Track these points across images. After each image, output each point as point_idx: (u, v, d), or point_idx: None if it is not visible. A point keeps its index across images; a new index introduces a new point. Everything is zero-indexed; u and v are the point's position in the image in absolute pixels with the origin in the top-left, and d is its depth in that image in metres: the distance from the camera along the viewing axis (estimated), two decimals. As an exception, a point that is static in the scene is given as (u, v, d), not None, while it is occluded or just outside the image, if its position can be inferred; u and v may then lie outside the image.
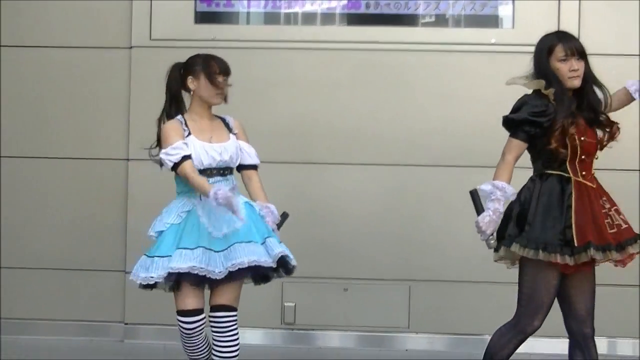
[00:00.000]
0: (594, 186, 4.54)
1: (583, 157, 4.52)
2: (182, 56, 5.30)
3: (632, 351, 6.86)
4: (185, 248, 4.80)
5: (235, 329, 4.97)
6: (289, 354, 6.85)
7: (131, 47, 7.07)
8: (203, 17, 7.11)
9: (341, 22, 7.16)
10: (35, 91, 7.17)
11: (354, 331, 7.01)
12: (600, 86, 4.75)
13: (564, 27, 6.73)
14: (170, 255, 4.80)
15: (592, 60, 6.67)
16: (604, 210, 4.51)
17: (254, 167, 5.11)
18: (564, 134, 4.47)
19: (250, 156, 5.06)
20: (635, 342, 6.85)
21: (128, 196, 7.06)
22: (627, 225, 4.55)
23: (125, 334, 7.09)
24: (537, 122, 4.51)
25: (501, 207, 4.46)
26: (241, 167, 5.08)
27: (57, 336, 7.06)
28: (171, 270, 4.76)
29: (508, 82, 4.74)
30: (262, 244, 4.84)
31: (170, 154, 4.78)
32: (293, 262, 4.99)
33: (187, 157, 4.79)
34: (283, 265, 4.95)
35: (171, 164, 4.78)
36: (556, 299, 4.56)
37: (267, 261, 4.79)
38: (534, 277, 4.50)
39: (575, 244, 4.37)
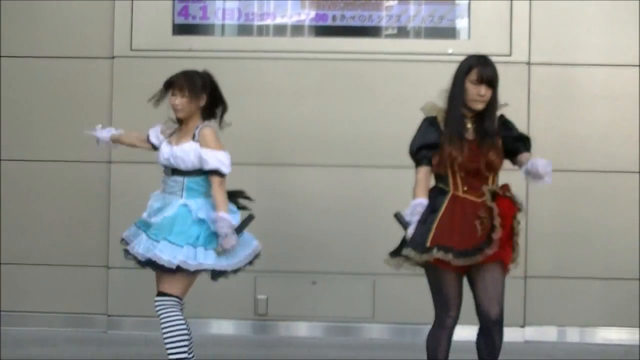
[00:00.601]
0: (478, 200, 4.78)
1: (462, 174, 4.79)
2: (161, 65, 5.49)
3: (579, 338, 7.21)
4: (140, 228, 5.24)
5: (163, 314, 5.18)
6: (261, 343, 6.97)
7: (113, 57, 7.22)
8: (180, 29, 7.26)
9: (309, 34, 7.32)
10: (22, 99, 7.30)
11: (322, 321, 7.19)
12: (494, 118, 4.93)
13: (516, 39, 7.11)
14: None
15: (542, 69, 7.08)
16: (477, 220, 4.73)
17: (212, 172, 5.11)
18: (445, 154, 4.78)
19: (207, 162, 5.10)
20: (583, 330, 7.21)
21: (110, 196, 7.20)
22: (488, 238, 4.73)
23: (108, 325, 7.23)
24: (430, 146, 4.83)
25: (415, 217, 4.81)
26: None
27: (43, 327, 7.19)
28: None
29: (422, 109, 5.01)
30: (156, 242, 5.02)
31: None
32: (166, 264, 5.01)
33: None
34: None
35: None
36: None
37: (141, 256, 5.05)
38: (434, 276, 4.85)
39: (427, 245, 4.69)
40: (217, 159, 5.12)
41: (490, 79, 4.83)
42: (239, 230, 5.13)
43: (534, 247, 7.13)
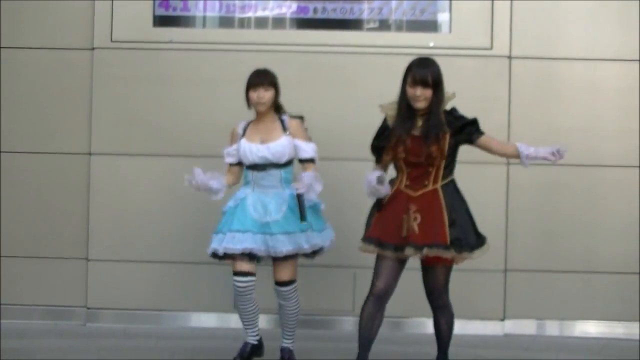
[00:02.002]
0: (415, 195, 5.23)
1: (408, 170, 5.23)
2: (141, 57, 5.49)
3: (558, 332, 7.25)
4: (234, 230, 5.65)
5: (295, 294, 5.95)
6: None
7: (93, 49, 7.21)
8: (161, 21, 7.25)
9: (291, 26, 7.32)
10: (2, 90, 7.27)
11: (303, 315, 6.93)
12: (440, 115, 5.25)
13: (497, 32, 7.14)
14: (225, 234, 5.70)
15: (523, 63, 7.10)
16: (411, 213, 5.18)
17: (308, 160, 5.82)
18: (392, 150, 5.23)
19: (306, 152, 5.81)
20: (563, 323, 7.25)
21: (90, 188, 7.20)
22: (418, 233, 5.18)
23: (87, 317, 7.23)
24: (380, 144, 5.32)
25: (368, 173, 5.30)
26: (300, 161, 5.86)
27: (22, 320, 7.20)
28: (226, 251, 5.65)
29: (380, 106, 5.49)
30: (303, 232, 5.70)
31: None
32: (322, 245, 5.89)
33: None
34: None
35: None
36: None
37: (304, 249, 5.76)
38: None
39: (364, 235, 5.37)
40: (312, 149, 5.82)
41: (423, 80, 5.16)
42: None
43: (514, 241, 7.17)
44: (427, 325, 7.02)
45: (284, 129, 5.82)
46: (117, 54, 7.16)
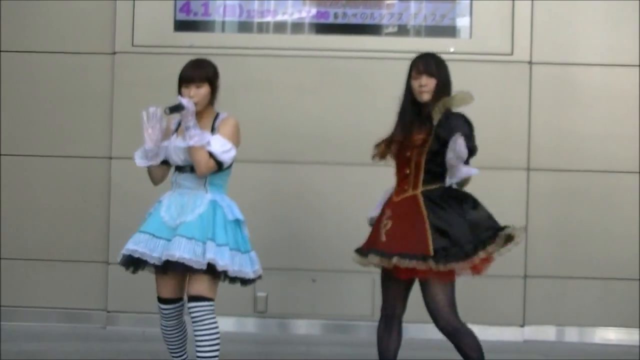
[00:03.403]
0: (396, 200, 4.89)
1: (395, 171, 4.97)
2: (162, 61, 5.50)
3: (578, 338, 7.22)
4: (141, 232, 4.95)
5: (208, 318, 4.88)
6: (260, 341, 6.98)
7: (114, 53, 7.23)
8: (182, 26, 7.28)
9: (310, 31, 7.33)
10: (23, 94, 7.31)
11: (321, 319, 7.21)
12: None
13: (517, 38, 7.13)
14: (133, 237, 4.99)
15: (543, 68, 7.08)
16: (384, 221, 4.88)
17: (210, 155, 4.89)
18: (382, 145, 5.05)
19: (210, 145, 4.87)
20: (582, 330, 7.22)
21: (111, 191, 7.21)
22: (384, 240, 4.83)
23: (107, 321, 7.24)
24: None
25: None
26: None
27: (42, 323, 7.21)
28: (124, 252, 4.95)
29: None
30: (203, 243, 4.78)
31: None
32: (233, 272, 4.86)
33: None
34: (221, 273, 4.84)
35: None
36: None
37: (199, 262, 4.74)
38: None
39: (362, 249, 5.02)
40: (220, 145, 4.91)
41: (428, 69, 4.90)
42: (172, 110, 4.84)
43: (533, 247, 7.14)
44: (429, 331, 7.06)
45: (214, 128, 5.02)
46: (138, 59, 7.18)
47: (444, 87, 4.91)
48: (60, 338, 6.91)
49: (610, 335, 7.17)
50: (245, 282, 5.02)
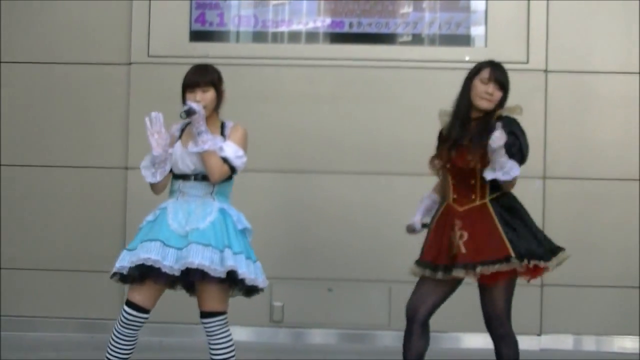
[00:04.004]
0: (460, 210, 4.80)
1: (454, 182, 4.83)
2: (178, 72, 5.44)
3: (595, 347, 7.20)
4: (146, 240, 4.73)
5: (222, 331, 4.89)
6: (276, 350, 6.98)
7: (130, 64, 7.27)
8: (197, 36, 7.31)
9: (325, 41, 7.34)
10: (41, 105, 7.35)
11: (338, 329, 7.20)
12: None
13: (533, 46, 7.12)
14: (136, 249, 4.74)
15: (559, 76, 7.07)
16: (452, 233, 4.77)
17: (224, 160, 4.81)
18: (439, 156, 4.88)
19: (223, 150, 4.80)
20: (600, 339, 7.20)
21: (127, 201, 7.22)
22: (464, 252, 4.73)
23: None
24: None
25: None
26: None
27: (59, 332, 7.22)
28: (131, 264, 4.70)
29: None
30: (220, 251, 4.68)
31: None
32: (250, 281, 4.75)
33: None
34: (237, 281, 4.73)
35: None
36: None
37: (217, 270, 4.63)
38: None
39: (418, 258, 4.92)
40: (233, 151, 4.83)
41: (500, 80, 4.83)
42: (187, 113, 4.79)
43: (550, 255, 7.12)
44: (464, 340, 7.04)
45: (224, 136, 4.91)
46: (154, 69, 7.20)
47: (504, 103, 4.90)
48: (77, 348, 6.92)
49: (628, 344, 7.14)
50: (256, 291, 4.92)
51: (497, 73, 4.84)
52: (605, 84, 7.19)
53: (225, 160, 4.80)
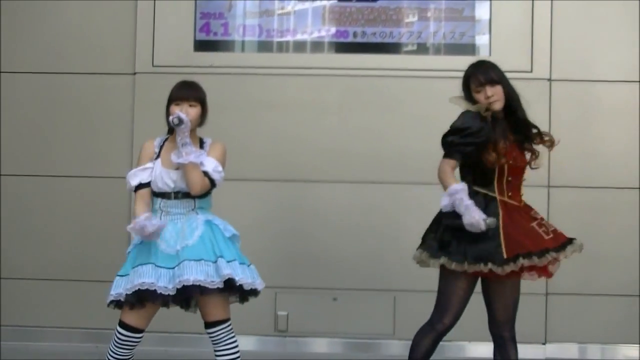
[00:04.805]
0: (520, 205, 4.84)
1: (510, 178, 4.81)
2: (182, 82, 5.50)
3: (600, 356, 7.18)
4: (137, 265, 4.80)
5: (229, 338, 4.96)
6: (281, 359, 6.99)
7: (135, 73, 7.27)
8: (202, 45, 7.30)
9: (329, 50, 7.34)
10: (46, 115, 7.36)
11: (343, 338, 7.19)
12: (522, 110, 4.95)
13: (537, 55, 7.11)
14: (129, 274, 4.82)
15: (563, 85, 7.06)
16: (535, 222, 4.81)
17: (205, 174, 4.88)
18: (496, 154, 4.74)
19: (203, 165, 4.86)
20: (605, 347, 7.18)
21: (131, 211, 6.92)
22: (557, 232, 4.86)
23: None
24: (473, 142, 4.71)
25: (467, 200, 4.63)
26: None
27: (62, 342, 7.21)
28: (127, 292, 4.79)
29: (451, 100, 4.97)
30: (214, 262, 4.76)
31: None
32: (248, 285, 4.82)
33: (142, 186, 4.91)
34: (236, 288, 4.80)
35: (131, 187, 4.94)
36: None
37: (214, 282, 4.71)
38: (447, 282, 4.82)
39: (504, 256, 4.64)
40: (214, 166, 4.89)
41: (487, 78, 4.84)
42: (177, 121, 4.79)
43: (555, 264, 7.12)
44: (469, 349, 7.02)
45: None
46: (159, 79, 7.08)
47: (511, 90, 4.93)
48: (83, 357, 6.90)
49: (633, 352, 7.13)
50: (252, 295, 4.97)
51: (480, 75, 4.86)
52: (609, 93, 7.19)
53: (205, 174, 4.86)
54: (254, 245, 6.50)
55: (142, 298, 4.79)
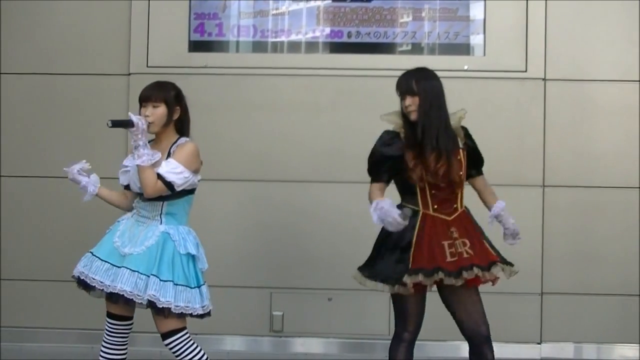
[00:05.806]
0: (449, 219, 4.80)
1: (433, 192, 4.79)
2: (177, 82, 5.49)
3: (596, 355, 7.19)
4: (91, 254, 5.00)
5: (186, 348, 4.96)
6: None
7: (129, 74, 7.27)
8: (196, 46, 7.31)
9: (324, 51, 7.35)
10: (41, 116, 7.36)
11: (338, 338, 7.21)
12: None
13: (532, 55, 7.12)
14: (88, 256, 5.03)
15: (558, 85, 7.07)
16: (449, 241, 4.75)
17: (160, 177, 4.87)
18: (413, 168, 4.77)
19: (160, 167, 4.86)
20: (600, 347, 7.19)
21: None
22: (469, 255, 4.74)
23: None
24: (383, 169, 4.89)
25: (385, 205, 4.69)
26: None
27: (59, 344, 7.22)
28: (74, 273, 5.06)
29: (381, 117, 5.10)
30: (147, 277, 4.77)
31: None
32: (179, 309, 4.81)
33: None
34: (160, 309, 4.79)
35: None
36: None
37: (139, 296, 4.77)
38: (394, 295, 4.88)
39: (409, 267, 4.70)
40: (171, 169, 4.85)
41: (406, 90, 4.91)
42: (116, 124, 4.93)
43: (550, 264, 7.13)
44: (463, 349, 7.03)
45: (170, 152, 4.96)
46: (153, 79, 7.01)
47: (433, 101, 4.91)
48: (77, 359, 6.93)
49: (629, 352, 7.14)
50: (194, 316, 4.94)
51: (401, 86, 4.95)
52: (604, 92, 7.20)
53: (159, 176, 4.83)
54: (249, 246, 6.57)
55: (85, 285, 4.98)
